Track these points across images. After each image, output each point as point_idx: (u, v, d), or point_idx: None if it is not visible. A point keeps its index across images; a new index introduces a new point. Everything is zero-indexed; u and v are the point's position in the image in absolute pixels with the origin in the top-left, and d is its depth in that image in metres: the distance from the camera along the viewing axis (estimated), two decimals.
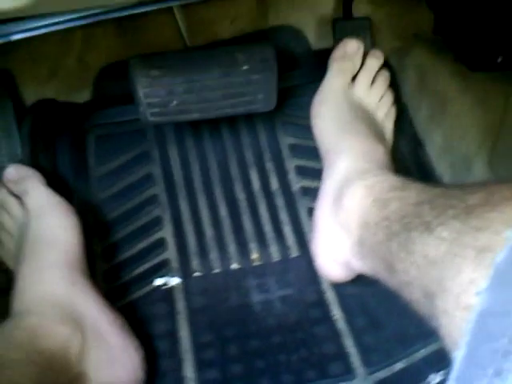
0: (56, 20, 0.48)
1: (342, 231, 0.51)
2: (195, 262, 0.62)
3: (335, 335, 0.56)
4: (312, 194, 0.62)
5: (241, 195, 0.67)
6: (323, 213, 0.56)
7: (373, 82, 0.64)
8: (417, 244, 0.35)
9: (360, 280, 0.58)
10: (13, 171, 0.59)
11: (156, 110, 0.60)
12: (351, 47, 0.64)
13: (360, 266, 0.50)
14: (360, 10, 0.72)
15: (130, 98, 0.60)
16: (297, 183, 0.68)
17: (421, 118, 0.68)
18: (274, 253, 0.63)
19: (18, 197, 0.58)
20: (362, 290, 0.59)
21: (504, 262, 0.26)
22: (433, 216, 0.35)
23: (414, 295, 0.36)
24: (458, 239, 0.31)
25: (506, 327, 0.24)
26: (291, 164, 0.69)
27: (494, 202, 0.31)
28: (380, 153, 0.56)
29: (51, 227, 0.54)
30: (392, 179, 0.49)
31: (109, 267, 0.62)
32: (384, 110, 0.64)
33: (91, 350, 0.49)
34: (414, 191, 0.43)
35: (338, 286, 0.60)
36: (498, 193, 0.32)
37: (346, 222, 0.50)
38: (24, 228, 0.55)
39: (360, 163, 0.54)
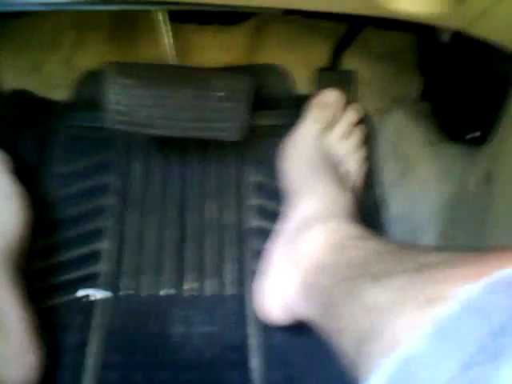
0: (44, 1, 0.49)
1: (293, 270, 0.50)
2: (126, 280, 0.61)
3: None
4: (264, 235, 0.61)
5: (191, 222, 0.66)
6: (278, 250, 0.55)
7: (348, 134, 0.64)
8: (360, 290, 0.36)
9: (288, 331, 0.56)
10: None
11: (123, 117, 0.60)
12: (330, 98, 0.65)
13: (301, 307, 0.49)
14: (351, 64, 0.72)
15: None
16: (252, 222, 0.66)
17: (385, 179, 0.67)
18: (209, 287, 0.61)
19: None
20: (288, 341, 0.57)
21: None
22: (382, 269, 0.36)
23: (344, 343, 0.36)
24: (402, 290, 0.31)
25: None
26: (251, 202, 0.68)
27: (444, 265, 0.31)
28: (345, 200, 0.56)
29: (2, 213, 0.55)
30: (352, 228, 0.49)
31: (44, 266, 0.61)
32: (355, 164, 0.63)
33: None
34: (371, 243, 0.44)
35: (263, 334, 0.57)
36: (448, 262, 0.32)
37: (299, 262, 0.50)
38: None
39: (324, 207, 0.54)
